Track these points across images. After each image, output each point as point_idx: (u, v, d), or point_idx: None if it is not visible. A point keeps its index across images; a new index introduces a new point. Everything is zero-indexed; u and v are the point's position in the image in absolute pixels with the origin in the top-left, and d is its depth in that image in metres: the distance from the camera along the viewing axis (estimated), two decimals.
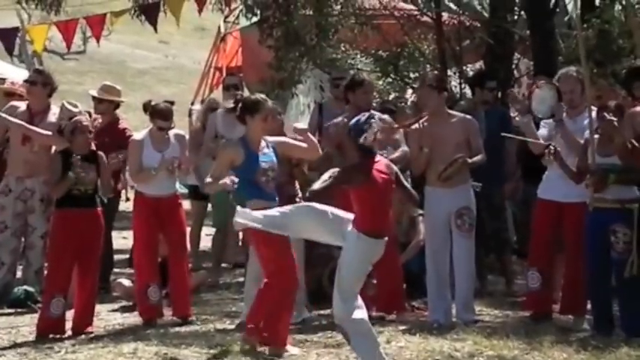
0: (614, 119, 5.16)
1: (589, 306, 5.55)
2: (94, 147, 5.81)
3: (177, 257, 5.96)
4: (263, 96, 5.27)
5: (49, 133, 6.24)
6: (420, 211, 6.65)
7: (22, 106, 6.67)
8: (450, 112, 5.84)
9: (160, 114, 5.91)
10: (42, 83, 6.63)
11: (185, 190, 7.74)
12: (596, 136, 5.28)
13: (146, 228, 5.91)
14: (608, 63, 8.37)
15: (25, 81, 6.95)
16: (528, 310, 5.73)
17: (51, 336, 5.47)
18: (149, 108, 6.01)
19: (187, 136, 9.90)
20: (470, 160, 5.61)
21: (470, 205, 5.69)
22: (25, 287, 6.44)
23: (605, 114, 5.20)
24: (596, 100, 5.99)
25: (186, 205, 6.36)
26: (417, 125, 5.84)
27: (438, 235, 5.70)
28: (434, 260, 5.69)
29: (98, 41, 9.64)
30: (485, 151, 5.75)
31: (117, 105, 7.19)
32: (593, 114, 5.30)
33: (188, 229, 6.60)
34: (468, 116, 5.86)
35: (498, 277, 7.03)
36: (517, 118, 5.92)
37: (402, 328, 5.40)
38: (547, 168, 5.66)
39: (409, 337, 5.11)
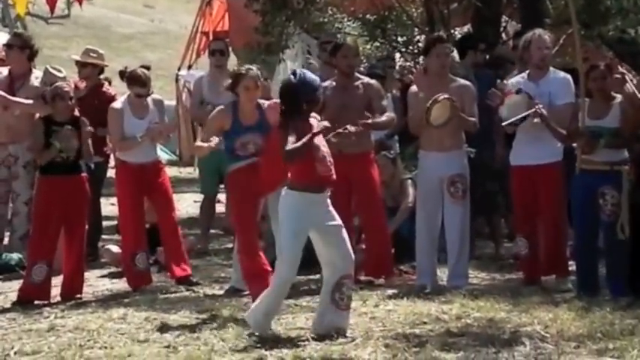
0: (625, 72, 5.18)
1: (572, 267, 5.61)
2: (77, 113, 5.77)
3: (167, 222, 5.95)
4: (246, 67, 5.31)
5: (30, 101, 6.18)
6: (409, 175, 6.66)
7: (3, 70, 6.60)
8: (452, 76, 5.78)
9: (136, 81, 5.85)
10: (19, 47, 6.53)
11: (169, 156, 7.73)
12: (586, 99, 5.28)
13: (131, 196, 5.89)
14: (595, 25, 8.34)
15: (3, 45, 6.86)
16: (527, 274, 5.71)
17: (39, 302, 5.48)
18: (126, 74, 5.94)
19: (174, 102, 9.90)
20: (457, 104, 5.45)
21: (463, 172, 5.67)
22: (11, 254, 6.44)
23: (620, 73, 5.20)
24: (583, 62, 5.98)
25: (172, 172, 6.33)
26: (415, 87, 5.80)
27: (431, 199, 5.69)
28: (426, 224, 5.68)
29: (81, 4, 9.52)
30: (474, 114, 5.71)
31: (101, 69, 7.12)
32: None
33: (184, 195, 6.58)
34: (468, 82, 5.80)
35: (486, 241, 7.07)
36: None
37: (390, 292, 5.44)
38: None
39: (397, 301, 5.14)
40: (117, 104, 6.00)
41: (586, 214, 5.31)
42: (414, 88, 5.87)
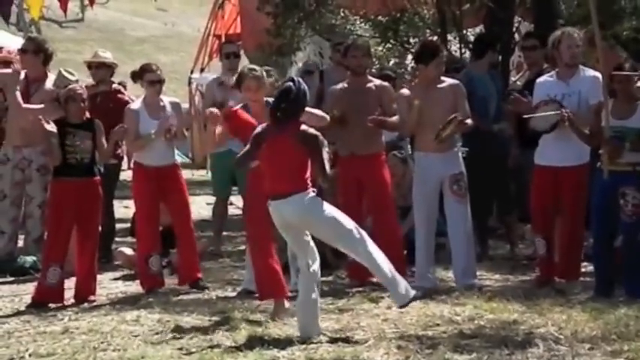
0: None
1: (584, 269, 5.58)
2: (88, 115, 5.80)
3: (182, 226, 5.96)
4: (248, 67, 5.32)
5: (41, 106, 6.23)
6: None
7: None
8: (442, 77, 5.75)
9: (146, 70, 5.92)
10: (33, 51, 6.57)
11: (181, 158, 7.70)
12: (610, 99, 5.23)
13: (147, 198, 5.90)
14: (609, 24, 8.29)
15: (18, 49, 6.90)
16: (543, 275, 5.66)
17: (53, 304, 5.51)
18: (136, 72, 5.98)
19: (187, 105, 9.94)
20: (465, 121, 5.52)
21: (463, 170, 5.67)
22: (26, 256, 6.48)
23: None
24: (596, 62, 5.94)
25: (184, 174, 6.34)
26: (406, 90, 5.80)
27: (430, 200, 5.66)
28: (426, 226, 5.65)
29: (92, 5, 9.57)
30: (494, 114, 5.66)
31: (112, 71, 7.16)
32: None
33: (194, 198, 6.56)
34: (456, 81, 5.78)
35: (498, 242, 7.04)
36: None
37: None
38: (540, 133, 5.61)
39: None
40: (133, 105, 6.05)
41: (606, 214, 5.24)
42: (405, 91, 5.86)
